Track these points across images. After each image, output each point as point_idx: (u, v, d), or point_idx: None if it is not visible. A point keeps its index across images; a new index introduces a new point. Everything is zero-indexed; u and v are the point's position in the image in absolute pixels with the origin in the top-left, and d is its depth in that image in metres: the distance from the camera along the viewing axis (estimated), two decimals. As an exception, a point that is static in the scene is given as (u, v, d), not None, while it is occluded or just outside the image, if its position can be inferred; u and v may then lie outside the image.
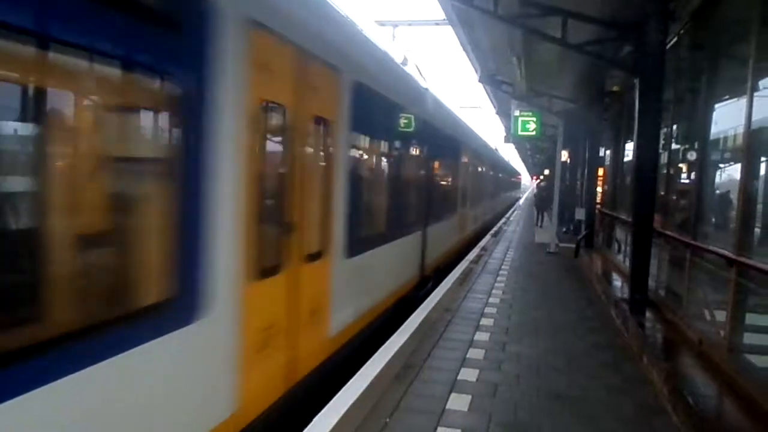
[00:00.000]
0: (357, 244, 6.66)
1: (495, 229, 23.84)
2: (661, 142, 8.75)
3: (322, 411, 4.80)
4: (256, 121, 4.28)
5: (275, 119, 4.77)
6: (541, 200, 29.74)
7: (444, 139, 12.89)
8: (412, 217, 10.14)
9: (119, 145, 3.22)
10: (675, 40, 8.95)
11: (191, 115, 3.48)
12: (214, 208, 3.67)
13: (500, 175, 35.65)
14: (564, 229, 20.93)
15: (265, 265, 4.49)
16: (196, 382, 3.70)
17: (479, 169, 21.67)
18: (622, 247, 12.60)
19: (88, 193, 2.95)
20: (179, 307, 3.40)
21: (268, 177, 4.68)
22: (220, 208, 3.74)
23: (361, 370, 5.84)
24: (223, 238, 3.80)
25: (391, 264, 8.71)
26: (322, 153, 5.82)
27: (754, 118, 6.08)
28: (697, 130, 8.09)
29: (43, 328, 2.57)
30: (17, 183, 2.63)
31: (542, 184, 36.63)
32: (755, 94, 6.08)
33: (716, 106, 7.69)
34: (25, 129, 2.61)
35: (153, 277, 3.29)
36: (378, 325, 7.73)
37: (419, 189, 10.75)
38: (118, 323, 2.96)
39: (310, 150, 5.44)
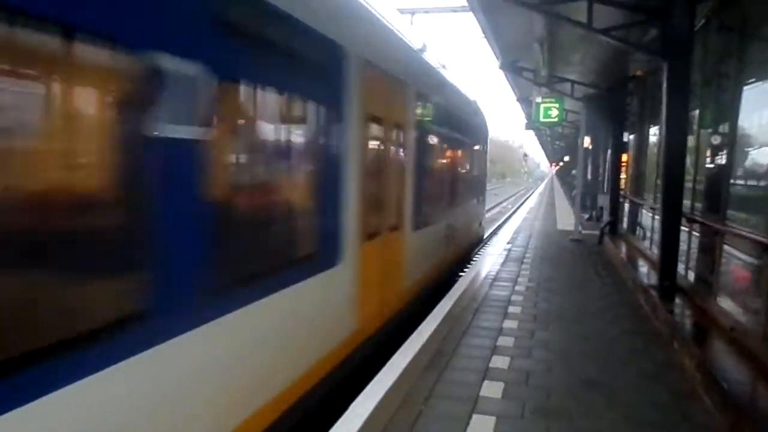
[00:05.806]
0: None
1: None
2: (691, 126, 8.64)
3: (357, 399, 4.87)
4: None
5: None
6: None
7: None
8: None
9: None
10: (703, 22, 8.81)
11: None
12: None
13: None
14: (587, 216, 20.79)
15: None
16: None
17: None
18: (648, 234, 12.49)
19: None
20: None
21: None
22: None
23: (393, 358, 5.90)
24: None
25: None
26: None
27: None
28: (726, 114, 7.97)
29: None
30: None
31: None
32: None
33: (746, 88, 7.57)
34: None
35: None
36: None
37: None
38: None
39: None
